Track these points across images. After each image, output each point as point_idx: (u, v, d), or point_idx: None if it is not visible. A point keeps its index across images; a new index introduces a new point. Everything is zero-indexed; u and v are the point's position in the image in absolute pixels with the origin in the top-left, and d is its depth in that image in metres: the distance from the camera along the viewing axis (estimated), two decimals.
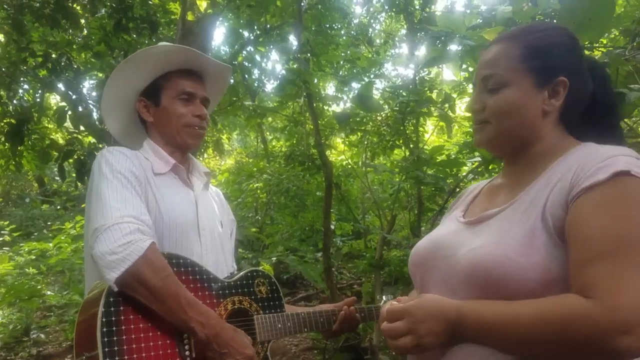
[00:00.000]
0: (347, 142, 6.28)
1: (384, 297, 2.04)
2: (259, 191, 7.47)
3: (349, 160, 6.77)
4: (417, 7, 6.70)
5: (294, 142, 7.06)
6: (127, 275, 1.33)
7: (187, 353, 1.43)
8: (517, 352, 1.00)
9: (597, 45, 2.94)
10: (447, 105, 3.83)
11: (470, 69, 3.34)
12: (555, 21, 2.35)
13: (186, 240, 1.61)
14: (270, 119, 8.45)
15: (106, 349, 1.28)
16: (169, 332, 1.41)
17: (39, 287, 6.31)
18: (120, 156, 1.58)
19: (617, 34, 3.51)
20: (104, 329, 1.29)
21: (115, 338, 1.30)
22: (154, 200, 1.58)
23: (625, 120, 3.08)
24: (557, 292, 0.98)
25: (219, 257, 1.72)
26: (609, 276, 0.92)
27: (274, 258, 4.67)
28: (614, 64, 2.03)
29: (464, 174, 3.80)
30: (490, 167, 3.24)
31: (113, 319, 1.32)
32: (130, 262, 1.33)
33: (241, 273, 1.70)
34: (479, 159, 2.71)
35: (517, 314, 0.97)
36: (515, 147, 1.20)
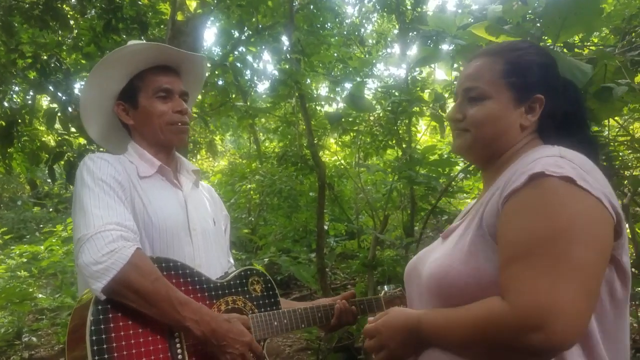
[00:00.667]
0: (339, 143, 6.28)
1: (385, 288, 2.03)
2: (252, 192, 7.45)
3: (342, 161, 6.77)
4: (409, 7, 6.71)
5: (287, 142, 7.05)
6: (114, 284, 1.32)
7: (179, 357, 1.41)
8: (462, 353, 1.07)
9: (588, 44, 2.95)
10: (438, 105, 3.82)
11: (462, 69, 3.34)
12: (539, 23, 2.36)
13: (177, 242, 1.59)
14: (263, 119, 8.43)
15: (96, 358, 1.26)
16: (160, 335, 1.40)
17: (30, 290, 6.27)
18: (102, 163, 1.56)
19: (607, 32, 3.52)
20: (93, 338, 1.28)
21: (105, 346, 1.29)
22: (141, 204, 1.56)
23: (617, 118, 3.09)
24: (497, 294, 1.03)
25: (212, 256, 1.71)
26: (518, 277, 0.97)
27: (267, 259, 4.66)
28: (602, 59, 2.03)
29: (456, 173, 3.80)
30: None
31: (102, 327, 1.31)
32: (115, 271, 1.32)
33: (234, 272, 1.69)
34: None
35: (453, 318, 1.07)
36: (489, 155, 1.26)
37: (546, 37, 2.19)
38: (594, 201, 1.00)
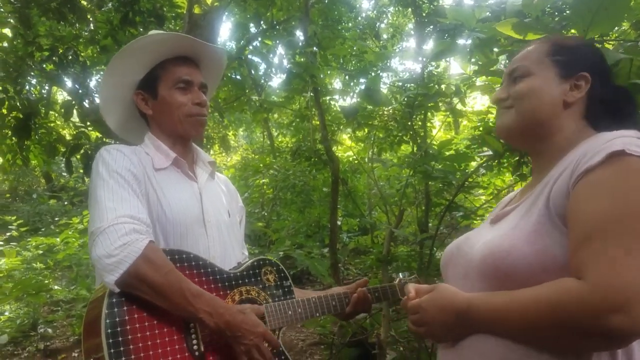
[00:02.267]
0: (353, 138, 6.26)
1: (400, 275, 2.01)
2: (265, 187, 7.46)
3: (356, 156, 6.74)
4: (425, 0, 6.66)
5: (301, 137, 7.05)
6: (127, 276, 1.32)
7: (195, 347, 1.41)
8: (522, 339, 1.03)
9: (608, 38, 2.90)
10: (456, 100, 3.79)
11: (480, 63, 3.31)
12: (558, 18, 2.33)
13: (192, 234, 1.59)
14: (276, 115, 8.44)
15: (112, 350, 1.27)
16: (175, 326, 1.40)
17: (46, 281, 6.35)
18: (118, 155, 1.56)
19: (628, 27, 3.46)
20: (109, 331, 1.28)
21: (120, 339, 1.29)
22: (155, 197, 1.56)
23: None
24: (563, 277, 0.99)
25: (227, 248, 1.70)
26: (599, 256, 0.94)
27: (281, 253, 4.66)
28: (628, 55, 2.00)
29: (474, 168, 3.77)
30: (501, 161, 3.20)
31: (117, 319, 1.31)
32: (128, 264, 1.32)
33: (248, 263, 1.68)
34: (490, 152, 2.68)
35: (517, 300, 1.01)
36: (532, 133, 1.24)
37: (565, 32, 2.16)
38: None
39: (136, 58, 1.66)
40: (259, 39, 6.63)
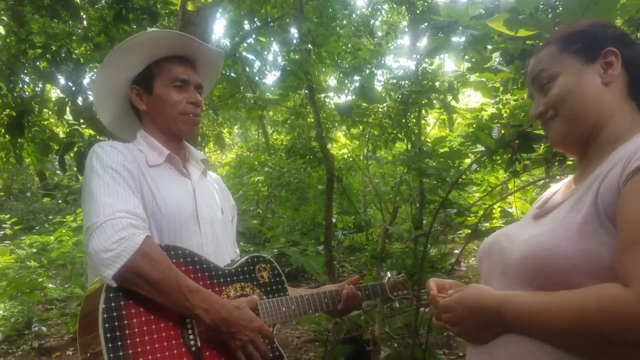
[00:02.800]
0: (348, 135, 6.26)
1: (388, 274, 2.05)
2: (260, 184, 7.46)
3: (351, 153, 6.75)
4: None
5: (295, 135, 7.04)
6: (124, 271, 1.32)
7: (191, 342, 1.42)
8: (558, 343, 0.97)
9: None
10: (450, 96, 3.80)
11: (474, 60, 3.31)
12: (556, 8, 2.33)
13: (185, 230, 1.60)
14: (271, 112, 8.43)
15: (109, 345, 1.26)
16: (172, 322, 1.40)
17: (40, 280, 6.34)
18: (112, 150, 1.55)
19: (621, 23, 3.48)
20: (106, 325, 1.28)
21: (118, 333, 1.29)
22: (149, 193, 1.56)
23: None
24: (609, 280, 0.93)
25: (220, 246, 1.71)
26: None
27: (276, 250, 4.66)
28: None
29: (468, 165, 3.78)
30: (494, 158, 3.21)
31: (114, 314, 1.31)
32: (125, 258, 1.32)
33: (242, 260, 1.69)
34: (482, 149, 2.69)
35: (556, 303, 0.96)
36: (587, 132, 1.16)
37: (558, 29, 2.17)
38: None
39: (134, 54, 1.66)
40: (253, 36, 6.62)
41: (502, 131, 2.53)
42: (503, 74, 2.69)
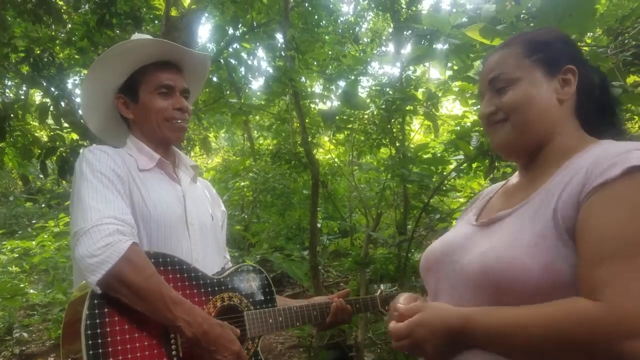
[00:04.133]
0: (333, 141, 6.28)
1: (381, 287, 2.04)
2: (245, 189, 7.44)
3: (336, 159, 6.77)
4: (404, 5, 6.71)
5: (281, 140, 7.04)
6: (108, 277, 1.32)
7: (173, 352, 1.41)
8: (522, 358, 0.97)
9: (581, 44, 2.97)
10: (431, 103, 3.84)
11: (456, 68, 3.36)
12: (533, 24, 2.36)
13: (175, 235, 1.59)
14: (257, 117, 8.42)
15: (90, 352, 1.26)
16: (155, 332, 1.40)
17: (22, 285, 6.25)
18: (102, 155, 1.55)
19: (600, 33, 3.54)
20: (89, 332, 1.28)
21: (100, 341, 1.29)
22: (139, 197, 1.56)
23: None
24: (568, 294, 0.94)
25: (209, 252, 1.70)
26: (618, 278, 0.88)
27: (259, 256, 4.65)
28: (595, 61, 2.05)
29: (449, 171, 3.81)
30: (474, 165, 3.25)
31: (97, 321, 1.31)
32: (110, 264, 1.31)
33: (231, 269, 1.68)
34: (462, 157, 2.72)
35: (524, 318, 0.95)
36: (533, 144, 1.17)
37: None
38: None
39: (117, 63, 1.66)
40: (238, 42, 6.61)
41: (481, 139, 2.56)
42: None
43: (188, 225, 1.65)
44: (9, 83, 5.23)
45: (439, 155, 4.07)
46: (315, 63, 7.08)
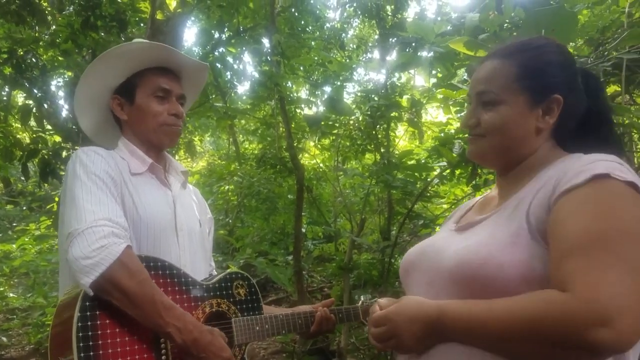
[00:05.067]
0: (319, 146, 6.30)
1: (362, 298, 2.06)
2: (229, 193, 7.42)
3: (321, 164, 6.78)
4: (389, 13, 6.76)
5: (266, 144, 7.04)
6: (101, 280, 1.31)
7: (163, 358, 1.41)
8: (497, 349, 1.00)
9: None
10: (415, 110, 3.87)
11: (440, 75, 3.39)
12: (516, 33, 2.40)
13: (164, 240, 1.59)
14: (242, 121, 8.40)
15: (82, 354, 1.26)
16: (145, 336, 1.39)
17: (1, 289, 6.17)
18: (95, 157, 1.54)
19: (581, 43, 3.60)
20: (80, 334, 1.28)
21: (91, 343, 1.28)
22: (130, 200, 1.55)
23: None
24: (541, 289, 0.98)
25: (197, 258, 1.71)
26: (585, 270, 0.93)
27: (242, 261, 4.64)
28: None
29: (432, 178, 3.85)
30: (457, 172, 3.28)
31: (89, 323, 1.30)
32: (104, 267, 1.31)
33: (220, 275, 1.69)
34: (445, 163, 2.75)
35: (496, 310, 0.99)
36: (508, 161, 1.23)
37: None
38: None
39: (117, 63, 1.66)
40: (224, 46, 6.61)
41: (464, 147, 2.59)
42: (462, 91, 2.76)
43: (177, 230, 1.65)
44: None
45: (422, 161, 4.10)
46: (301, 68, 7.10)
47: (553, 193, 1.05)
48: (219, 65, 5.86)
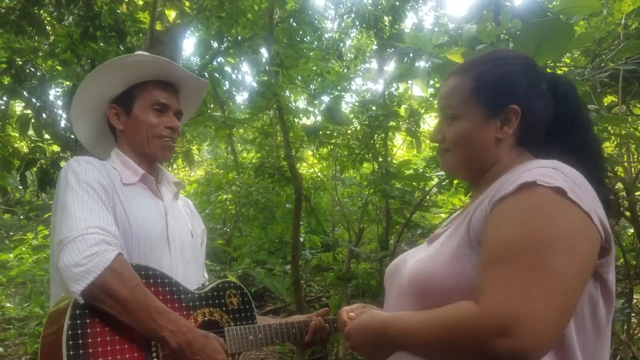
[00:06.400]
0: (317, 155, 6.30)
1: None
2: (227, 203, 7.41)
3: (319, 173, 6.78)
4: (387, 24, 6.80)
5: (264, 154, 7.04)
6: (93, 287, 1.31)
7: None
8: (430, 357, 1.06)
9: (560, 64, 3.04)
10: (413, 120, 3.89)
11: (438, 85, 3.41)
12: (512, 44, 2.42)
13: (156, 251, 1.60)
14: (241, 130, 8.41)
15: None
16: (137, 343, 1.40)
17: None
18: (88, 166, 1.56)
19: (578, 54, 3.63)
20: (70, 342, 1.28)
21: (81, 351, 1.28)
22: (122, 210, 1.56)
23: None
24: None
25: (189, 268, 1.71)
26: (492, 281, 0.97)
27: (240, 271, 4.63)
28: (573, 82, 2.09)
29: (430, 188, 3.86)
30: (455, 182, 3.29)
31: (79, 332, 1.30)
32: (95, 274, 1.31)
33: (212, 284, 1.69)
34: (443, 173, 2.76)
35: (423, 320, 1.06)
36: (475, 171, 1.26)
37: None
38: (582, 215, 0.98)
39: (119, 73, 1.68)
40: (223, 56, 6.63)
41: None
42: None
43: (169, 241, 1.66)
44: None
45: (420, 171, 4.12)
46: (299, 78, 7.12)
47: (489, 203, 1.08)
48: (217, 75, 5.88)
